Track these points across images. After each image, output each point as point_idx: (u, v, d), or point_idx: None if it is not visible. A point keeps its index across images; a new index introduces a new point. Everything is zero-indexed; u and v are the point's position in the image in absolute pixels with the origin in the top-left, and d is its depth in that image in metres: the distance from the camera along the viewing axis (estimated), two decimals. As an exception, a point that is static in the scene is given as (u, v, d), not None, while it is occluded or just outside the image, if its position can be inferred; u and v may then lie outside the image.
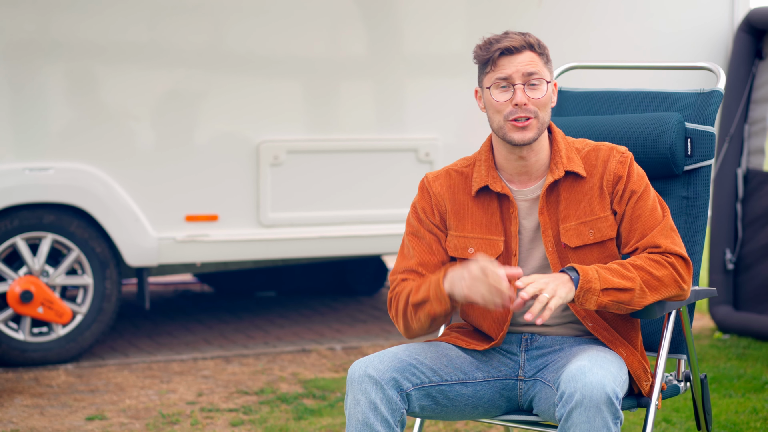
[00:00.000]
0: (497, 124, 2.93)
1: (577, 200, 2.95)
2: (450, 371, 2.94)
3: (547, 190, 2.96)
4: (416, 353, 2.94)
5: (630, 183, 2.94)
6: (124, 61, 5.74)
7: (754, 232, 6.23)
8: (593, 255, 2.94)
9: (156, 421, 4.71)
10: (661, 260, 2.87)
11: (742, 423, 4.56)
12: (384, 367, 2.85)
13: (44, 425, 4.67)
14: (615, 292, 2.81)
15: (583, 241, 2.93)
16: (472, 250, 2.97)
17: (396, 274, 3.02)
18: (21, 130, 5.60)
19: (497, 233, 2.97)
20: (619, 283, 2.81)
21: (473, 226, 2.99)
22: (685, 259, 2.90)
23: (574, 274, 2.81)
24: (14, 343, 5.63)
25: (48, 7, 5.62)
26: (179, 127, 5.87)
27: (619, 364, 2.87)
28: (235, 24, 5.92)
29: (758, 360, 5.66)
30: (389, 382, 2.84)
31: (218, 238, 5.90)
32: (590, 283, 2.79)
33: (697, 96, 3.38)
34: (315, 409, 4.84)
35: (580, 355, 2.83)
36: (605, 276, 2.81)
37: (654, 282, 2.84)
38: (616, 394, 2.69)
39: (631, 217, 2.93)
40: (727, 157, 6.26)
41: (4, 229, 5.60)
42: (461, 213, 3.00)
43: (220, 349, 6.07)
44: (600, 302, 2.80)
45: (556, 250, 2.95)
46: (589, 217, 2.94)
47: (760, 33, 6.25)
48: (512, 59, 2.90)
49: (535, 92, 2.91)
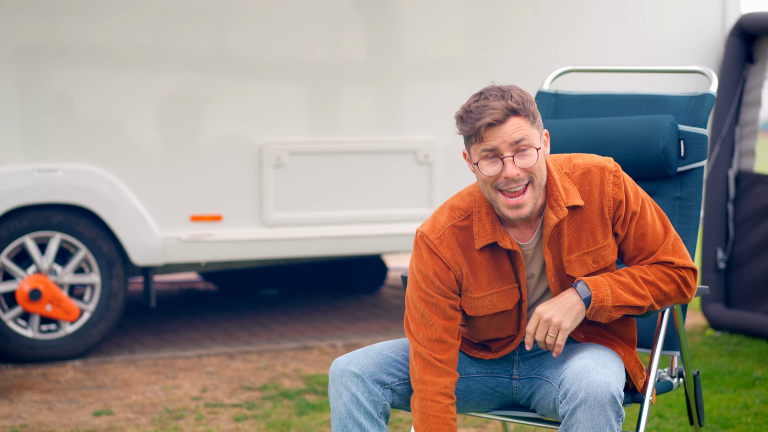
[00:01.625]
0: (490, 197, 2.79)
1: (578, 230, 2.85)
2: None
3: (552, 230, 2.84)
4: (404, 350, 2.92)
5: (629, 205, 2.84)
6: (131, 65, 5.74)
7: (745, 232, 6.23)
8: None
9: (161, 416, 4.71)
10: (673, 275, 2.84)
11: (733, 418, 4.56)
12: (366, 362, 2.85)
13: (52, 420, 4.67)
14: (626, 309, 2.80)
15: (587, 270, 2.86)
16: (492, 304, 2.88)
17: (421, 345, 2.84)
18: (30, 133, 5.60)
19: (510, 282, 2.88)
20: (631, 300, 2.79)
21: (489, 282, 2.87)
22: (695, 270, 2.88)
23: (584, 291, 2.78)
24: (23, 340, 5.63)
25: (56, 12, 5.61)
26: (184, 129, 5.87)
27: (619, 362, 2.86)
28: (239, 29, 5.92)
29: (749, 356, 5.66)
30: (370, 377, 2.83)
31: (222, 237, 5.90)
32: (602, 302, 2.77)
33: (690, 99, 3.37)
34: (316, 405, 4.84)
35: (583, 353, 2.82)
36: (618, 292, 2.79)
37: (662, 297, 2.84)
38: (619, 393, 2.68)
39: (635, 237, 2.86)
40: (719, 159, 6.26)
41: (13, 229, 5.60)
42: (476, 272, 2.86)
43: (224, 346, 6.07)
44: (611, 317, 2.80)
45: (558, 280, 2.88)
46: (592, 247, 2.86)
47: (751, 38, 6.25)
48: (497, 130, 2.72)
49: (526, 160, 2.74)
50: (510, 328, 2.92)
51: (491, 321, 2.92)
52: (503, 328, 2.94)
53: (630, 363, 2.94)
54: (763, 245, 6.12)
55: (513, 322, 2.92)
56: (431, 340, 2.85)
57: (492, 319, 2.91)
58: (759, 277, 6.13)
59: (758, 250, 6.14)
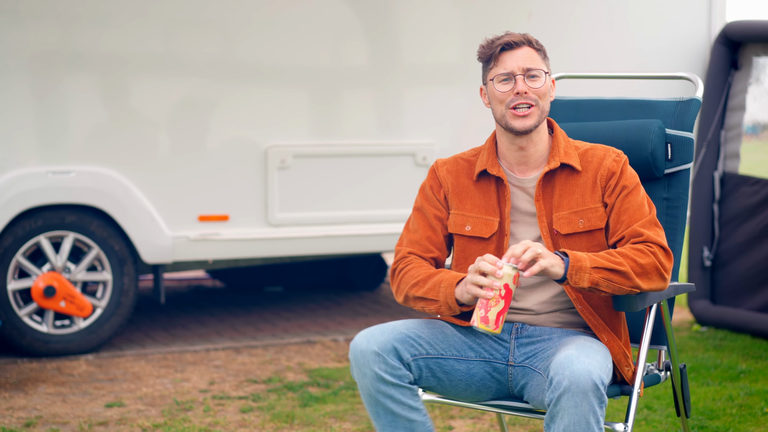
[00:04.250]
0: (500, 114, 2.97)
1: (570, 191, 2.98)
2: (445, 347, 2.96)
3: (543, 179, 2.99)
4: (414, 327, 2.96)
5: (622, 179, 2.96)
6: (142, 72, 5.74)
7: (729, 231, 6.23)
8: (582, 243, 2.96)
9: (171, 408, 4.71)
10: (644, 249, 2.87)
11: (718, 410, 4.56)
12: (385, 338, 2.87)
13: (66, 412, 4.67)
14: (605, 271, 2.82)
15: (573, 230, 2.96)
16: (469, 228, 3.02)
17: (401, 246, 3.06)
18: (44, 136, 5.60)
19: (493, 214, 3.00)
20: (607, 263, 2.82)
21: (472, 206, 3.03)
22: (666, 249, 2.90)
23: (563, 254, 2.84)
24: (38, 335, 5.63)
25: (70, 21, 5.61)
26: (193, 133, 5.87)
27: (605, 353, 2.86)
28: (245, 37, 5.92)
29: (734, 351, 5.66)
30: (390, 352, 2.86)
31: (229, 236, 5.90)
32: (580, 262, 2.81)
33: (677, 104, 3.38)
34: (320, 397, 4.84)
35: (569, 345, 2.83)
36: (594, 257, 2.83)
37: (638, 269, 2.84)
38: (601, 380, 2.69)
39: (619, 210, 2.94)
40: (705, 161, 6.26)
41: (28, 229, 5.60)
42: (462, 195, 3.04)
43: (230, 341, 6.07)
44: (592, 279, 2.81)
45: (550, 236, 2.97)
46: (581, 208, 2.96)
47: (736, 45, 6.25)
48: (512, 54, 2.96)
49: (535, 82, 2.95)
50: None
51: (467, 248, 3.03)
52: None
53: (614, 349, 2.94)
54: (747, 244, 6.12)
55: (492, 253, 3.00)
56: (412, 241, 3.06)
57: (468, 245, 3.03)
58: (743, 274, 6.14)
59: (742, 249, 6.15)
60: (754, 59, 6.22)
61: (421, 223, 3.07)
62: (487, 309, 2.79)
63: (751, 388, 4.89)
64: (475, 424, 4.44)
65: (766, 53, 6.16)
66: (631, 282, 2.84)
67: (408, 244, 3.06)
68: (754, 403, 4.66)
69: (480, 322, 2.79)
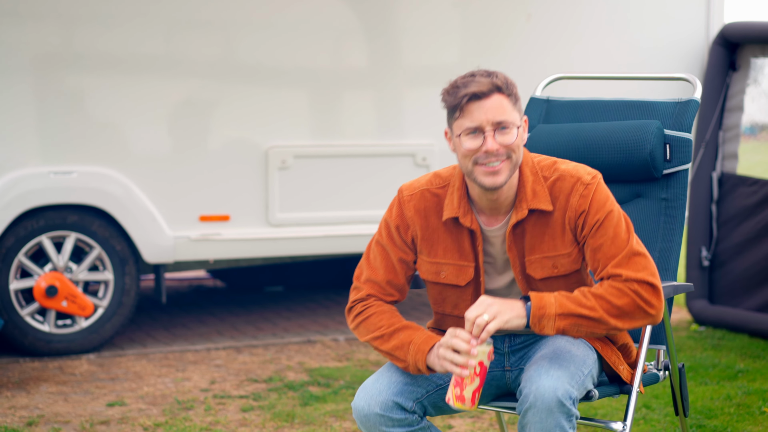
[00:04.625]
0: (467, 169, 2.76)
1: (541, 234, 2.80)
2: (441, 375, 2.87)
3: (512, 229, 2.81)
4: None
5: (590, 215, 2.75)
6: (142, 72, 5.74)
7: (727, 231, 6.23)
8: (559, 285, 2.82)
9: (172, 407, 4.71)
10: (623, 288, 2.69)
11: (716, 409, 4.56)
12: (384, 397, 2.78)
13: (68, 411, 4.67)
14: (573, 318, 2.68)
15: (547, 274, 2.81)
16: (444, 275, 2.86)
17: (359, 281, 2.91)
18: (46, 137, 5.60)
19: (467, 260, 2.84)
20: (576, 309, 2.67)
21: (444, 252, 2.85)
22: (650, 283, 2.71)
23: (527, 300, 2.71)
24: (40, 334, 5.63)
25: (71, 21, 5.61)
26: (193, 133, 5.87)
27: (583, 358, 2.80)
28: (245, 37, 5.92)
29: (732, 350, 5.66)
30: (393, 409, 2.78)
31: (230, 236, 5.90)
32: (544, 309, 2.67)
33: (675, 105, 3.38)
34: (320, 396, 4.84)
35: (546, 350, 2.79)
36: (563, 302, 2.68)
37: (615, 310, 2.69)
38: (568, 395, 2.64)
39: (593, 248, 2.76)
40: (703, 162, 6.26)
41: (30, 229, 5.60)
42: (433, 239, 2.86)
43: (231, 340, 6.07)
44: (558, 326, 2.68)
45: (524, 280, 2.84)
46: (552, 253, 2.80)
47: (734, 46, 6.25)
48: (481, 104, 2.69)
49: (506, 136, 2.71)
50: (467, 308, 2.86)
51: (444, 293, 2.89)
52: (459, 306, 2.90)
53: (606, 353, 2.90)
54: (745, 244, 6.12)
55: (469, 302, 2.87)
56: (372, 281, 2.88)
57: (444, 290, 2.89)
58: (741, 274, 6.14)
59: (740, 249, 6.15)
60: (752, 60, 6.22)
61: (382, 263, 2.88)
62: (462, 387, 2.68)
63: (749, 387, 4.89)
64: (474, 423, 4.44)
65: (764, 54, 6.16)
66: (607, 326, 2.70)
67: (367, 283, 2.89)
68: (752, 402, 4.66)
69: (456, 401, 2.69)
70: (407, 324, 2.84)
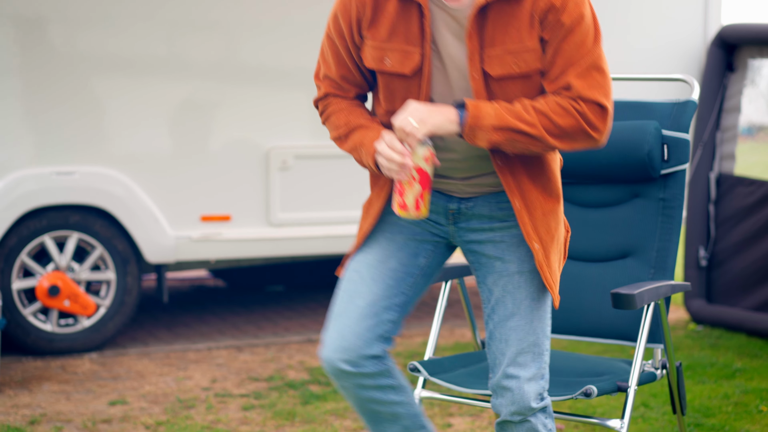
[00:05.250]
0: None
1: (505, 24, 2.47)
2: (402, 282, 2.70)
3: (477, 12, 2.47)
4: (369, 294, 2.66)
5: (562, 13, 2.46)
6: (144, 73, 5.74)
7: (725, 231, 6.23)
8: (516, 87, 2.50)
9: (173, 406, 4.71)
10: (569, 107, 2.45)
11: (714, 407, 4.56)
12: (351, 343, 2.61)
13: (70, 409, 4.67)
14: (510, 133, 2.45)
15: (506, 71, 2.48)
16: (389, 62, 2.55)
17: (318, 79, 2.69)
18: (49, 137, 5.60)
19: (414, 44, 2.52)
20: (515, 123, 2.44)
21: (389, 35, 2.53)
22: (600, 104, 2.46)
23: (462, 109, 2.47)
24: (43, 333, 5.63)
25: (75, 23, 5.61)
26: (195, 134, 5.87)
27: (545, 333, 2.64)
28: (247, 40, 5.92)
29: (729, 349, 5.66)
30: (362, 360, 2.62)
31: (231, 236, 5.90)
32: (480, 119, 2.44)
33: (673, 106, 3.38)
34: (320, 395, 4.84)
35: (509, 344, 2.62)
36: (502, 114, 2.44)
37: (556, 130, 2.46)
38: (539, 397, 2.62)
39: (555, 50, 2.47)
40: (701, 162, 6.26)
41: (33, 228, 5.60)
42: (379, 19, 2.54)
43: (232, 339, 6.07)
44: (492, 140, 2.46)
45: (480, 79, 2.51)
46: (516, 46, 2.47)
47: (731, 47, 6.25)
48: None
49: None
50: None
51: (391, 85, 2.57)
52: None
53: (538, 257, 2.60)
54: (743, 244, 6.12)
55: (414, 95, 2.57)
56: (328, 78, 2.67)
57: (392, 82, 2.57)
58: (739, 273, 6.14)
59: (738, 249, 6.15)
60: (749, 61, 6.22)
61: (334, 57, 2.63)
62: (402, 194, 2.52)
63: (747, 386, 4.89)
64: (474, 421, 4.44)
65: (761, 56, 6.16)
66: (544, 144, 2.47)
67: (325, 80, 2.68)
68: (750, 400, 4.66)
69: (399, 209, 2.54)
70: (360, 123, 2.63)
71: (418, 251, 2.72)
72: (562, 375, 3.13)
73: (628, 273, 3.30)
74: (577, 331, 3.35)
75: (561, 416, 3.11)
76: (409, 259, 2.72)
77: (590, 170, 3.38)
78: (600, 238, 3.38)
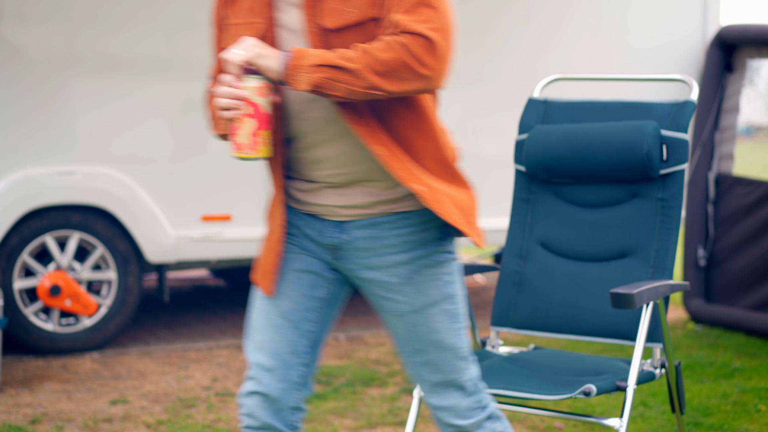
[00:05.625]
0: None
1: None
2: (304, 322, 2.57)
3: None
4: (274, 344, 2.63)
5: None
6: (145, 73, 5.74)
7: (724, 231, 6.23)
8: (354, 38, 2.34)
9: (174, 405, 4.71)
10: (392, 41, 2.25)
11: (713, 406, 4.56)
12: (274, 388, 2.67)
13: (71, 408, 4.67)
14: (330, 70, 2.25)
15: (342, 22, 2.33)
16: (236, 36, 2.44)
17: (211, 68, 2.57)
18: (51, 137, 5.60)
19: (262, 15, 2.41)
20: (334, 60, 2.26)
21: (246, 12, 2.44)
22: (427, 37, 2.26)
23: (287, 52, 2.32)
24: (44, 333, 5.64)
25: (77, 23, 5.62)
26: (196, 134, 5.87)
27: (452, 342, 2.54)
28: (247, 40, 5.92)
29: (728, 348, 5.66)
30: (284, 410, 2.68)
31: (232, 236, 5.90)
32: (301, 59, 2.27)
33: (672, 106, 3.38)
34: (321, 394, 4.84)
35: (423, 373, 2.56)
36: (324, 54, 2.28)
37: (379, 66, 2.25)
38: (476, 409, 2.57)
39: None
40: (700, 162, 6.26)
41: (34, 228, 5.60)
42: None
43: (233, 339, 6.07)
44: (312, 80, 2.26)
45: (318, 33, 2.36)
46: None
47: (730, 48, 6.25)
48: None
49: None
50: None
51: None
52: None
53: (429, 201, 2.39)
54: (741, 244, 6.12)
55: None
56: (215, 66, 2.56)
57: None
58: (737, 273, 6.14)
59: (736, 249, 6.15)
60: (748, 62, 6.22)
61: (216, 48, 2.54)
62: (235, 134, 2.33)
63: (745, 385, 4.89)
64: (473, 420, 4.44)
65: (759, 56, 6.16)
66: (365, 82, 2.25)
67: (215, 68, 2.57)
68: (748, 400, 4.66)
69: (235, 151, 2.33)
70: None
71: (316, 283, 2.56)
72: (562, 374, 3.13)
73: (627, 272, 3.30)
74: (576, 331, 3.35)
75: (560, 415, 3.11)
76: (306, 293, 2.56)
77: (589, 170, 3.38)
78: (599, 238, 3.38)
